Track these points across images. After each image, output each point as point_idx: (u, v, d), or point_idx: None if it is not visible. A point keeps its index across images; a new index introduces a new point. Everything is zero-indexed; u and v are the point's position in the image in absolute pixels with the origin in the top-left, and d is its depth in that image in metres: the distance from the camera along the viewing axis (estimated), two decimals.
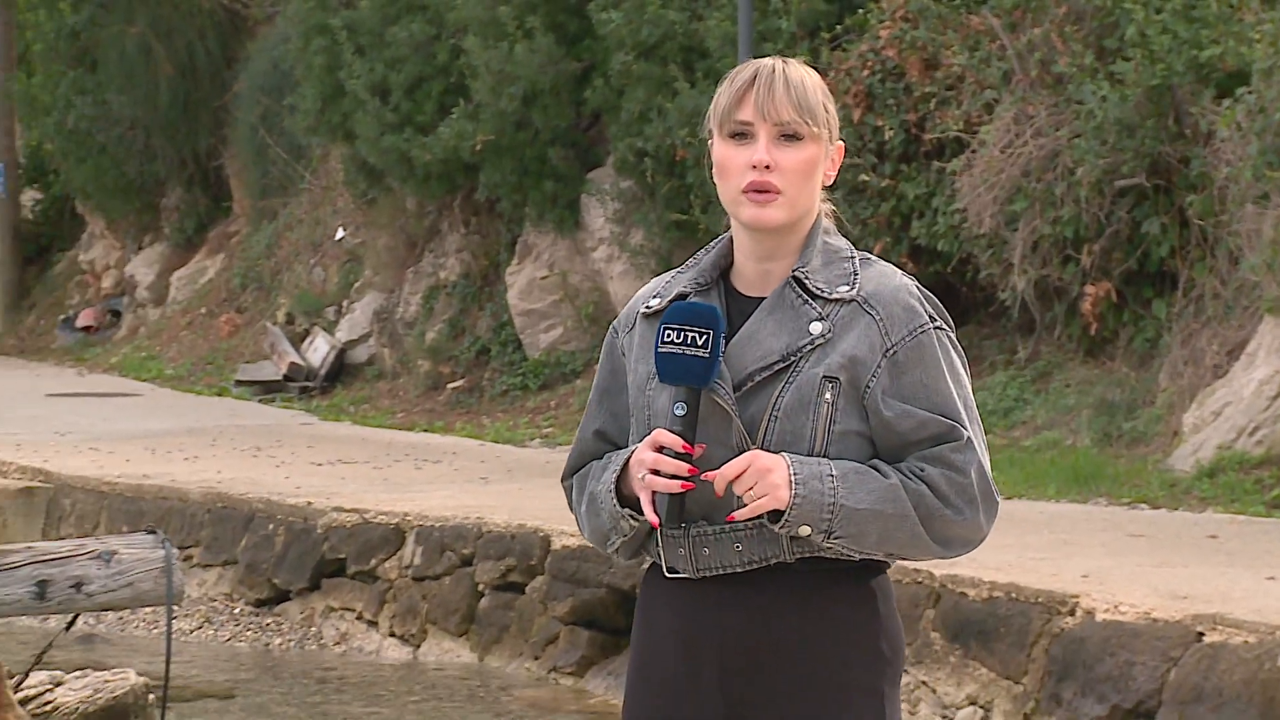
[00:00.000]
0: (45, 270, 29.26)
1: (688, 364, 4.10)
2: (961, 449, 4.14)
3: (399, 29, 20.53)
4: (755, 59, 4.27)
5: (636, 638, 4.35)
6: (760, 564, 4.15)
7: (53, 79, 26.83)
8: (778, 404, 4.12)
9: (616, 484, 4.20)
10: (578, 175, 19.66)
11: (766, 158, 4.14)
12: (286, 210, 24.67)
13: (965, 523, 4.16)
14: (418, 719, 12.81)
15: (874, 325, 4.15)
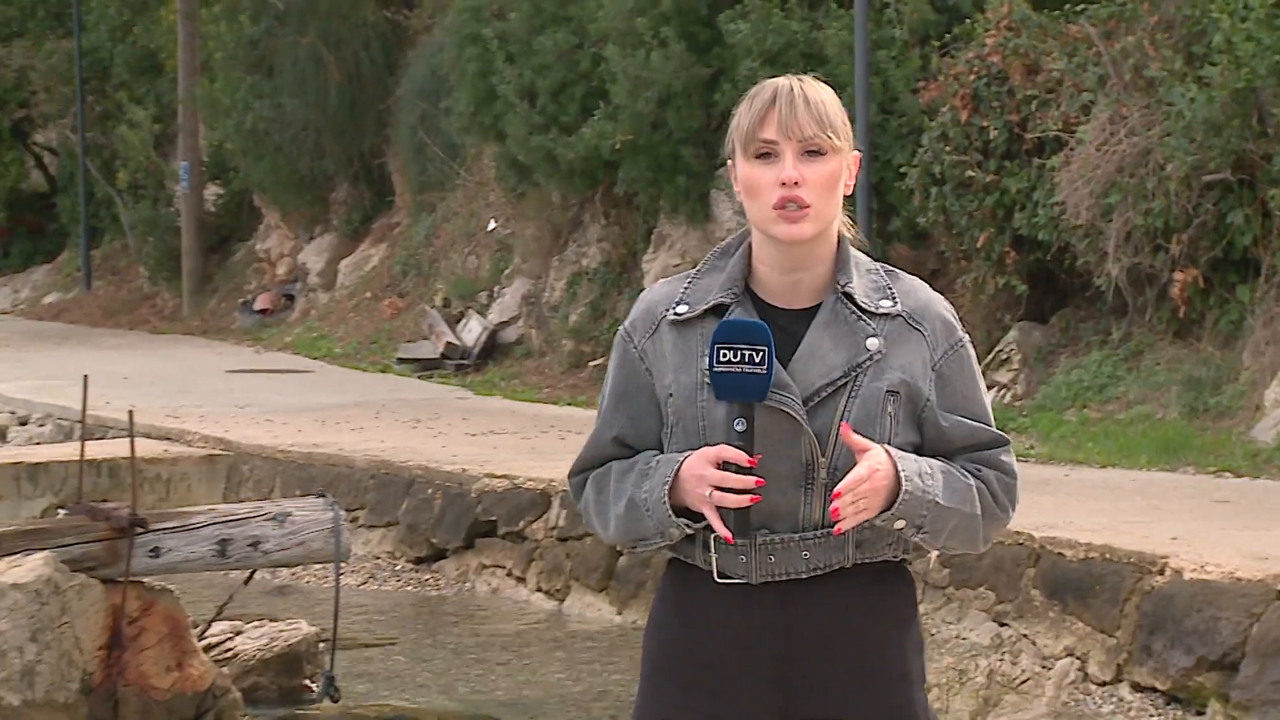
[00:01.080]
0: (226, 258, 29.41)
1: (746, 381, 3.91)
2: (1007, 453, 4.12)
3: (545, 38, 20.56)
4: (770, 79, 4.13)
5: (667, 642, 4.13)
6: (824, 569, 4.02)
7: (233, 85, 26.96)
8: (845, 417, 3.98)
9: (668, 494, 4.00)
10: (708, 171, 19.64)
11: (795, 174, 3.99)
12: (443, 204, 24.73)
13: (1005, 520, 4.14)
14: (561, 667, 12.82)
15: (923, 341, 4.06)
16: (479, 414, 18.77)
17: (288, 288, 27.63)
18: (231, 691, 11.42)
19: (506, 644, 13.47)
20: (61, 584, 10.91)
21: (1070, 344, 16.36)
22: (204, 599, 12.72)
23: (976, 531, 4.08)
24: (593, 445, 4.16)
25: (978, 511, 4.04)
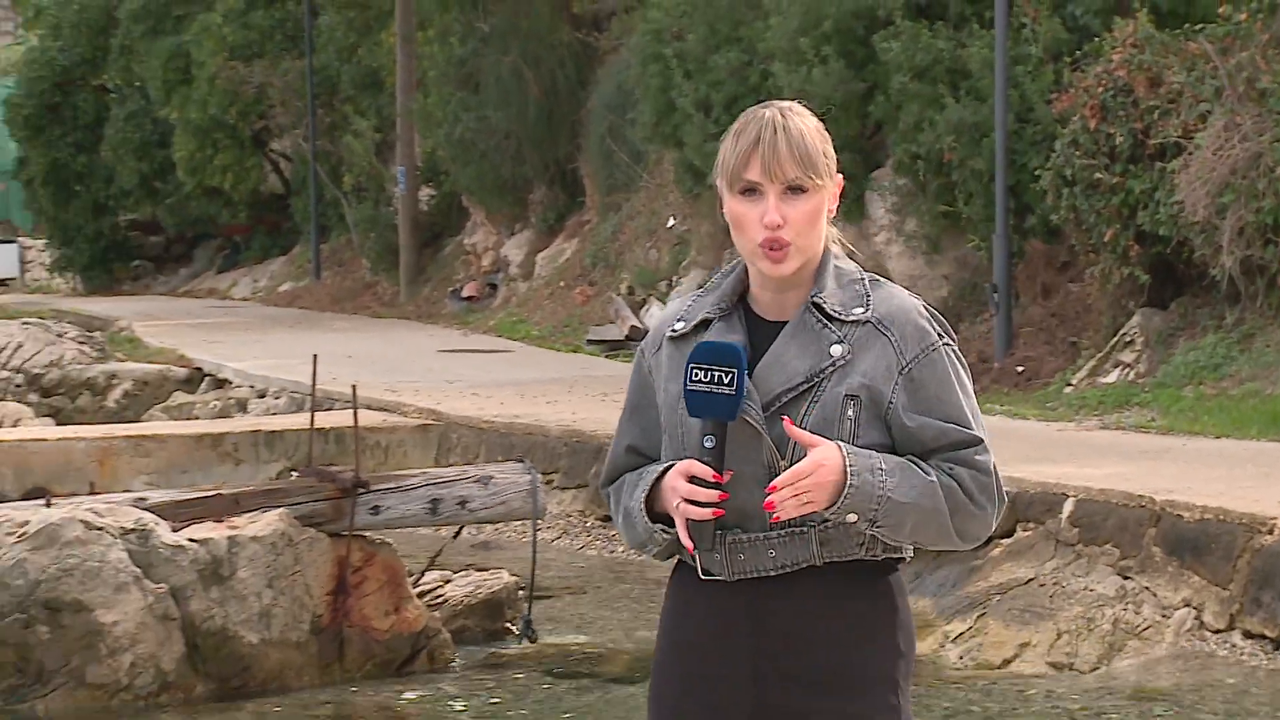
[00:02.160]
0: (437, 252, 29.58)
1: (715, 401, 3.72)
2: (982, 452, 3.81)
3: (719, 57, 20.58)
4: (757, 109, 3.90)
5: (668, 629, 3.96)
6: (791, 567, 3.78)
7: (444, 99, 27.11)
8: (804, 422, 3.74)
9: (647, 502, 3.85)
10: (863, 174, 19.59)
11: (777, 218, 3.77)
12: (628, 203, 24.78)
13: (985, 517, 3.81)
14: None
15: (889, 345, 3.80)
16: None
17: (491, 277, 27.77)
18: (442, 633, 11.50)
19: None
20: (294, 537, 11.02)
21: (1188, 328, 16.20)
22: (417, 551, 12.80)
23: (946, 527, 3.78)
24: (612, 456, 4.02)
25: (942, 507, 3.75)
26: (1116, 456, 13.24)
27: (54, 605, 10.52)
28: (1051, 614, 11.30)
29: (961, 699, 10.50)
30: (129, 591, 10.61)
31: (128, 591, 10.61)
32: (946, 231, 18.60)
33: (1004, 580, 11.79)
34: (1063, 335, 17.51)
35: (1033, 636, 11.21)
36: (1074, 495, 11.88)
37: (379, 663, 11.15)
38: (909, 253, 19.21)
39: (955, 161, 17.85)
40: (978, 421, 3.83)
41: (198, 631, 10.78)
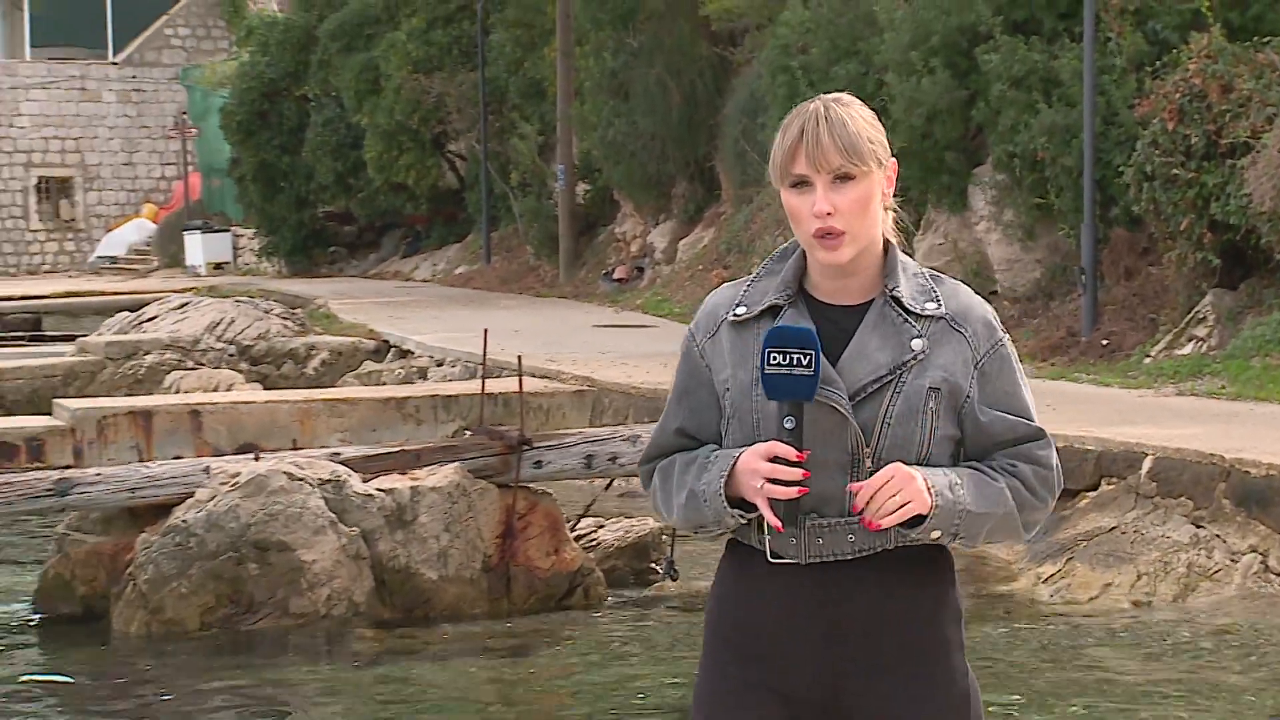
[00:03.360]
0: (592, 240, 29.63)
1: (795, 383, 3.40)
2: (1045, 446, 3.56)
3: (839, 68, 20.53)
4: (803, 104, 3.58)
5: (729, 610, 3.62)
6: (868, 551, 3.50)
7: (598, 106, 27.16)
8: (889, 412, 3.47)
9: (724, 486, 3.51)
10: (965, 171, 19.50)
11: (826, 206, 3.46)
12: (759, 196, 24.73)
13: (1045, 508, 3.58)
14: None
15: (964, 342, 3.52)
16: None
17: (639, 262, 27.80)
18: (595, 572, 11.55)
19: None
20: (468, 488, 11.09)
21: (1255, 306, 16.01)
22: (574, 501, 12.86)
23: (1015, 526, 3.55)
24: (659, 436, 3.69)
25: (1012, 509, 3.51)
26: (1190, 419, 13.13)
27: (262, 545, 10.65)
28: (1132, 558, 11.24)
29: (1053, 632, 10.46)
30: (326, 534, 10.72)
31: (325, 534, 10.72)
32: (1040, 221, 18.50)
33: (1090, 528, 11.73)
34: (1143, 313, 17.35)
35: (1115, 578, 11.15)
36: (1152, 453, 11.80)
37: (540, 597, 11.21)
38: (1006, 240, 19.14)
39: (1048, 159, 17.76)
40: (1035, 413, 3.60)
41: (385, 569, 10.89)
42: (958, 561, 3.61)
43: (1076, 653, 9.95)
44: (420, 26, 32.17)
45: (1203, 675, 9.42)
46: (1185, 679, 9.34)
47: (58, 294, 34.94)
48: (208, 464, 11.45)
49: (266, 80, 35.86)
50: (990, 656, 9.99)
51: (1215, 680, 9.31)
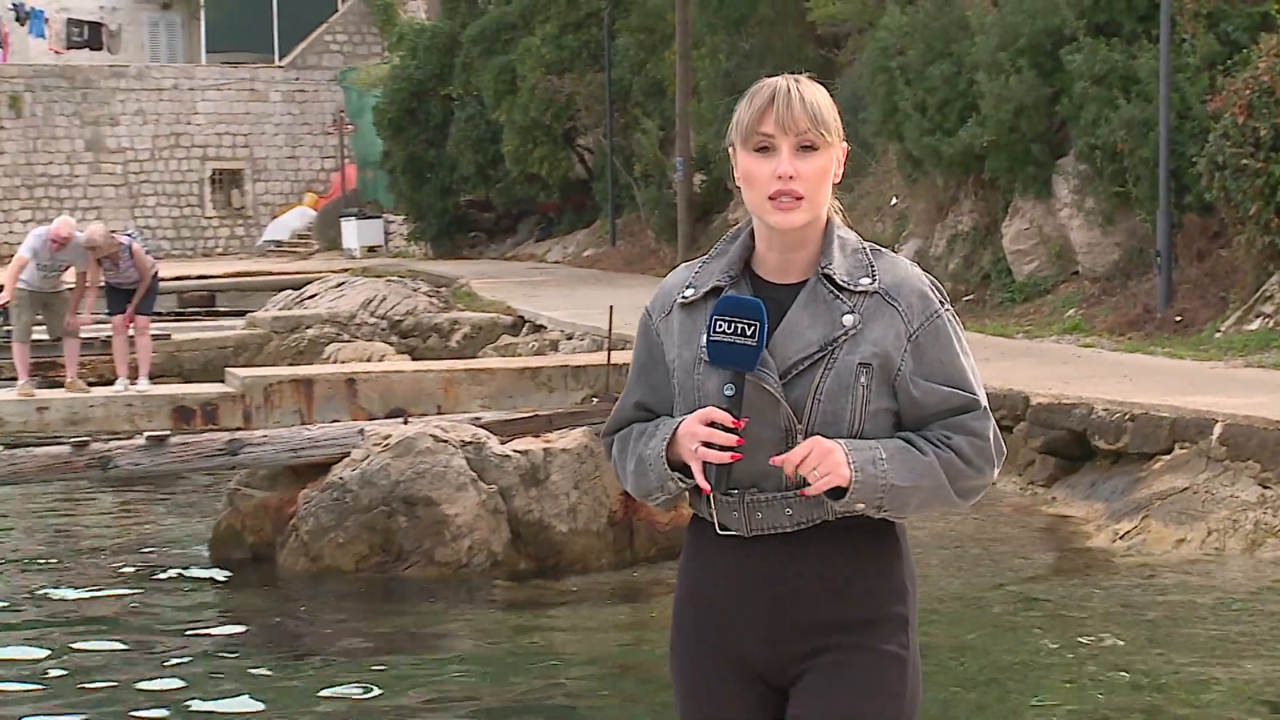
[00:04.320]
0: (708, 225, 29.56)
1: (737, 351, 3.22)
2: (980, 417, 3.30)
3: (933, 69, 20.38)
4: (769, 79, 3.37)
5: (685, 583, 3.45)
6: (808, 524, 3.30)
7: (713, 104, 27.08)
8: (819, 389, 3.25)
9: (666, 451, 3.32)
10: (1050, 162, 19.32)
11: (790, 169, 3.25)
12: (860, 185, 24.60)
13: (983, 477, 3.32)
14: (943, 519, 12.70)
15: (897, 315, 3.28)
16: None
17: None
18: None
19: None
20: (595, 449, 11.09)
21: None
22: None
23: (948, 497, 3.30)
24: (619, 410, 3.50)
25: (942, 482, 3.27)
26: (1257, 389, 12.95)
27: (410, 500, 10.71)
28: (1203, 516, 11.10)
29: (1129, 583, 10.34)
30: (467, 490, 10.76)
31: (466, 490, 10.76)
32: (1119, 208, 18.30)
33: (1163, 489, 11.59)
34: (1214, 291, 17.11)
35: (1188, 534, 11.02)
36: (1222, 420, 11.65)
37: (660, 549, 11.20)
38: (1088, 225, 18.94)
39: (1126, 151, 17.56)
40: (977, 381, 3.35)
41: (520, 522, 10.92)
42: (1038, 520, 3.53)
43: (1150, 604, 9.83)
44: (553, 32, 32.21)
45: (1268, 626, 9.29)
46: (1251, 631, 9.22)
47: (229, 274, 35.30)
48: (362, 427, 11.53)
49: (415, 81, 36.03)
50: (1068, 608, 9.90)
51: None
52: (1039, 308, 19.14)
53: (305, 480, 11.08)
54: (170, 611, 10.37)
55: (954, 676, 8.50)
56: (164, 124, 43.78)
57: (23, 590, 10.97)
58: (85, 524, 13.32)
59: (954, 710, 7.93)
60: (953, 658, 8.87)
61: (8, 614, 10.35)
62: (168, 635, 9.76)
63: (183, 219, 44.26)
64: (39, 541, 12.64)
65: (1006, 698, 8.10)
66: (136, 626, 9.98)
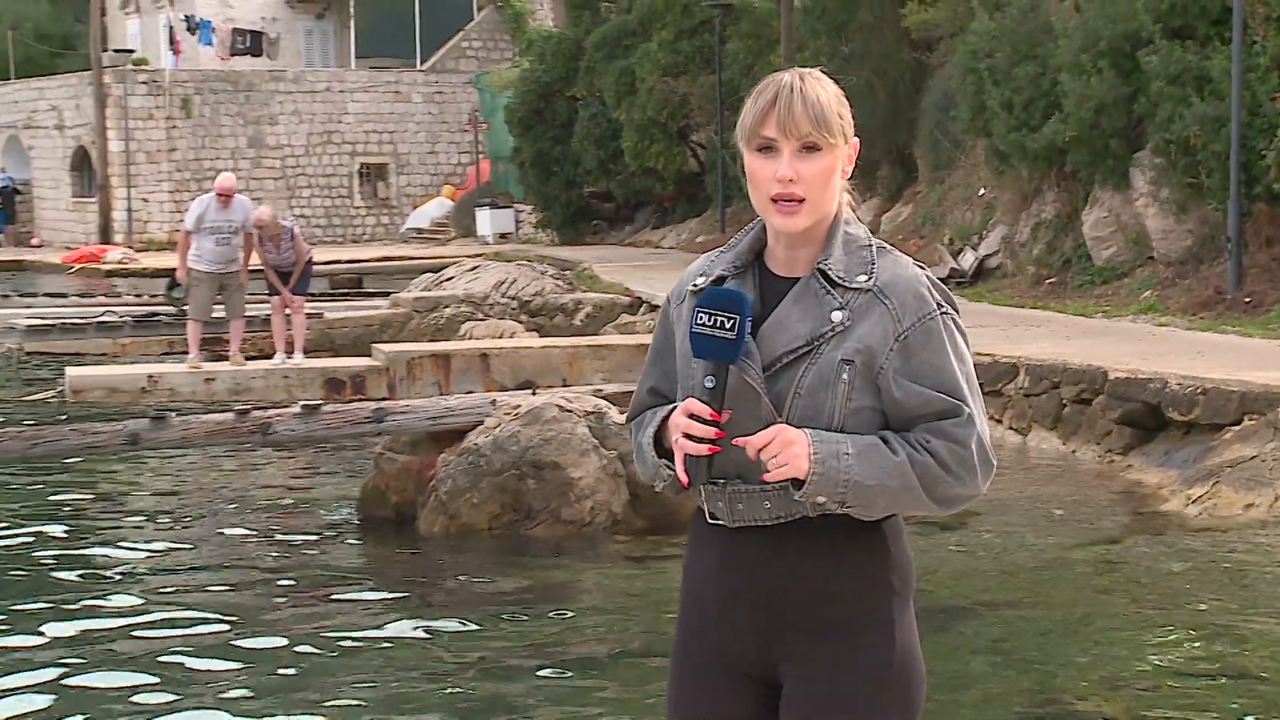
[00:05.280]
0: None
1: (717, 344, 2.94)
2: (963, 424, 2.96)
3: (1019, 70, 20.16)
4: (776, 74, 3.08)
5: (687, 568, 3.19)
6: (786, 518, 3.00)
7: None
8: (801, 383, 2.95)
9: (656, 438, 3.09)
10: (1127, 154, 19.04)
11: (789, 172, 2.97)
12: (950, 178, 24.38)
13: (964, 486, 2.98)
14: (1024, 480, 12.57)
15: (888, 313, 2.97)
16: (972, 315, 18.44)
17: None
18: None
19: None
20: None
21: None
22: None
23: (920, 500, 2.95)
24: (636, 396, 3.23)
25: (912, 484, 2.93)
26: None
27: (538, 464, 10.72)
28: (1270, 483, 10.90)
29: (1200, 545, 10.18)
30: (590, 456, 10.76)
31: (589, 456, 10.76)
32: (1191, 198, 17.99)
33: (1233, 457, 11.39)
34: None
35: (1256, 499, 10.82)
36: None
37: None
38: (1163, 213, 18.64)
39: (1199, 145, 17.26)
40: (971, 389, 3.01)
41: (637, 486, 10.90)
42: (1115, 485, 3.42)
43: (1223, 564, 9.67)
44: (669, 38, 32.14)
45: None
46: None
47: (375, 258, 35.57)
48: (494, 398, 11.56)
49: (543, 84, 36.09)
50: (1142, 568, 9.76)
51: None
52: (1116, 290, 18.88)
53: (443, 445, 11.12)
54: (322, 563, 10.46)
55: (1038, 631, 8.40)
56: (317, 123, 44.15)
57: (193, 542, 11.11)
58: (247, 484, 13.47)
59: (1040, 664, 7.84)
60: (1038, 614, 8.77)
61: (181, 564, 10.49)
62: (320, 584, 9.84)
63: (334, 208, 44.64)
64: (207, 499, 12.80)
65: (1089, 650, 7.99)
66: (293, 576, 10.08)
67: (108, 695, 7.68)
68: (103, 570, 10.29)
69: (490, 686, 7.67)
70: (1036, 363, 14.11)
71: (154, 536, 11.31)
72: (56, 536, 11.25)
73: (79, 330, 20.32)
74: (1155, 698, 7.26)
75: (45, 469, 13.48)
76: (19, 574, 10.21)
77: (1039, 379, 13.97)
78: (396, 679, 7.81)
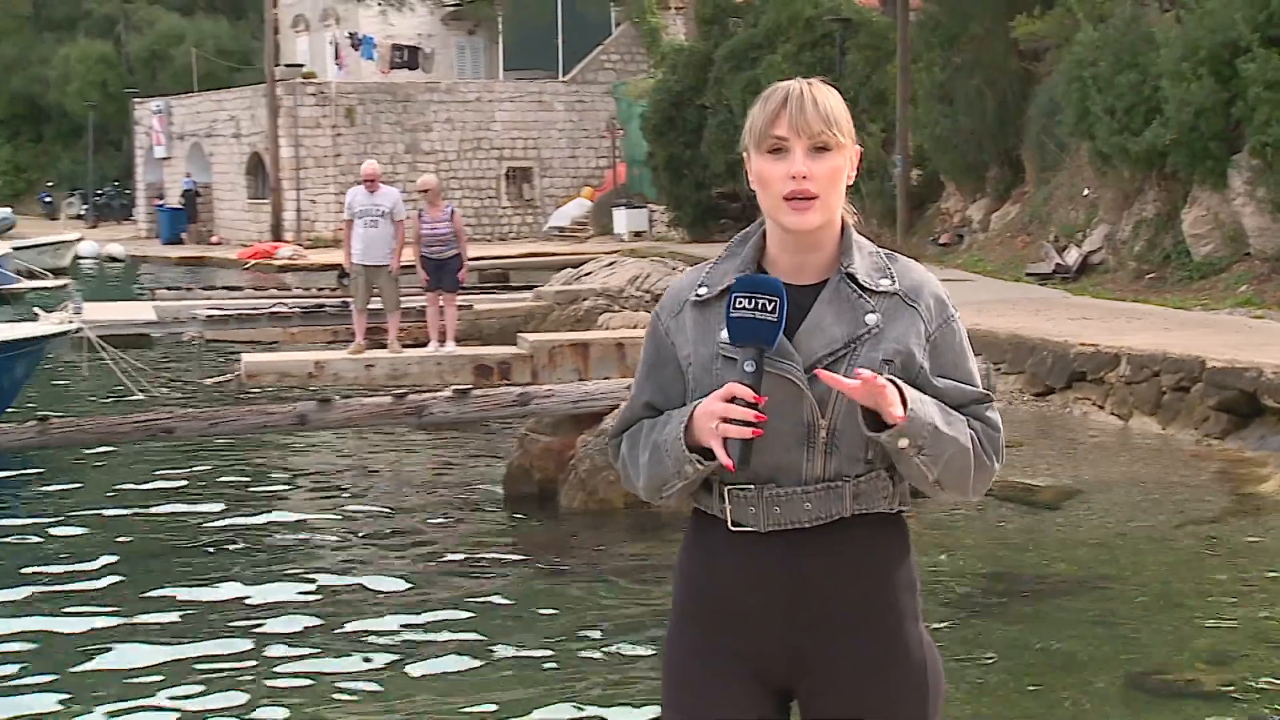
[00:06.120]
0: (922, 213, 29.10)
1: (757, 326, 2.73)
2: (992, 410, 2.90)
3: (1121, 77, 19.79)
4: (781, 83, 2.87)
5: (692, 578, 2.93)
6: (825, 519, 2.82)
7: (929, 110, 26.64)
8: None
9: (684, 434, 2.81)
10: (1225, 157, 18.61)
11: (804, 169, 2.79)
12: (1055, 179, 24.02)
13: (990, 471, 2.88)
14: (1128, 460, 12.36)
15: (917, 316, 2.85)
16: (1074, 307, 18.21)
17: (959, 230, 27.23)
18: None
19: (1093, 445, 13.05)
20: None
21: None
22: None
23: (968, 468, 2.84)
24: (627, 410, 3.00)
25: (969, 446, 2.82)
26: None
27: None
28: None
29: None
30: None
31: None
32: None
33: None
34: None
35: None
36: None
37: None
38: (1259, 212, 18.21)
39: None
40: (980, 381, 2.95)
41: None
42: (1212, 466, 3.33)
43: None
44: (792, 50, 32.00)
45: None
46: None
47: (520, 255, 35.77)
48: (629, 383, 11.55)
49: (674, 93, 36.06)
50: (1242, 545, 9.54)
51: None
52: (1214, 284, 18.49)
53: (583, 427, 11.14)
54: (473, 533, 10.54)
55: (1142, 605, 8.25)
56: (468, 130, 44.49)
57: (360, 515, 11.24)
58: (402, 463, 13.60)
59: (1143, 637, 7.69)
60: (1140, 588, 8.61)
61: (353, 533, 10.62)
62: (469, 555, 9.91)
63: (482, 208, 44.96)
64: (367, 476, 12.94)
65: (1191, 624, 7.83)
66: (444, 547, 10.16)
67: (290, 640, 7.79)
68: (278, 537, 10.45)
69: (627, 648, 7.68)
70: (1137, 352, 13.86)
71: (323, 510, 11.46)
72: (233, 508, 11.44)
73: (253, 320, 20.64)
74: (1259, 669, 7.10)
75: (224, 446, 13.71)
76: (203, 540, 10.40)
77: (1140, 368, 13.72)
78: (538, 641, 7.85)
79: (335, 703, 7.07)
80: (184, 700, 7.09)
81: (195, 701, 7.08)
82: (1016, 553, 9.65)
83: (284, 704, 7.03)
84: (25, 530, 10.78)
